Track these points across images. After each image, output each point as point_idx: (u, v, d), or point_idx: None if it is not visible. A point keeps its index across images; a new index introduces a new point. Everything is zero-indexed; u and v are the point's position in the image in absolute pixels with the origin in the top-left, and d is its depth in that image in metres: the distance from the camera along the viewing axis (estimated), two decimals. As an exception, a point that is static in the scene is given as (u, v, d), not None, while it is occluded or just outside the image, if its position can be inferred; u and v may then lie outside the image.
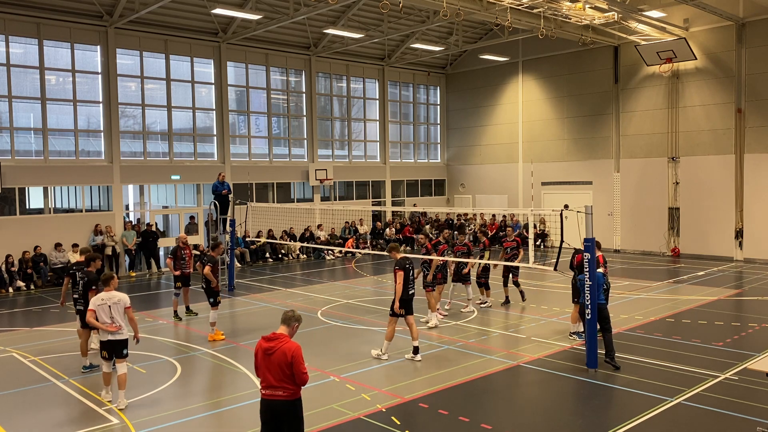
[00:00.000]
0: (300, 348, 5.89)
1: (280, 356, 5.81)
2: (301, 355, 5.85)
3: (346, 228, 27.09)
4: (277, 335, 5.95)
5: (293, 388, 5.87)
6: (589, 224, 10.19)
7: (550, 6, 19.34)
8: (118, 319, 8.86)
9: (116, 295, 8.93)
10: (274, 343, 5.88)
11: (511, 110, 29.29)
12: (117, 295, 8.92)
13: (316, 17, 23.88)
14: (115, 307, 8.84)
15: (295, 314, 6.11)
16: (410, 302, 10.78)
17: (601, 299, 10.21)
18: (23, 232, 19.33)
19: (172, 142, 22.91)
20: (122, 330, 8.88)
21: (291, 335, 6.02)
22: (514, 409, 8.75)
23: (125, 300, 8.91)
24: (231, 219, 18.54)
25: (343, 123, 28.97)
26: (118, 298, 8.89)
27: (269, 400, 5.88)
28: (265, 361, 5.88)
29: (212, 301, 12.54)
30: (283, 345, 5.84)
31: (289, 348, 5.83)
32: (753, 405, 8.40)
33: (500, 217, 28.74)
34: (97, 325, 8.87)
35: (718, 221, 23.09)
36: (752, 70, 22.23)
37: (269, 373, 5.85)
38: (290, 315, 6.09)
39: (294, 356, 5.79)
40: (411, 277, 10.78)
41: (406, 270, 10.64)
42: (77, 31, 20.48)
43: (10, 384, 9.90)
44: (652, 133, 24.72)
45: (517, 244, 14.91)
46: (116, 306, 8.84)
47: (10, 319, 15.14)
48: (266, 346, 5.89)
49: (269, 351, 5.86)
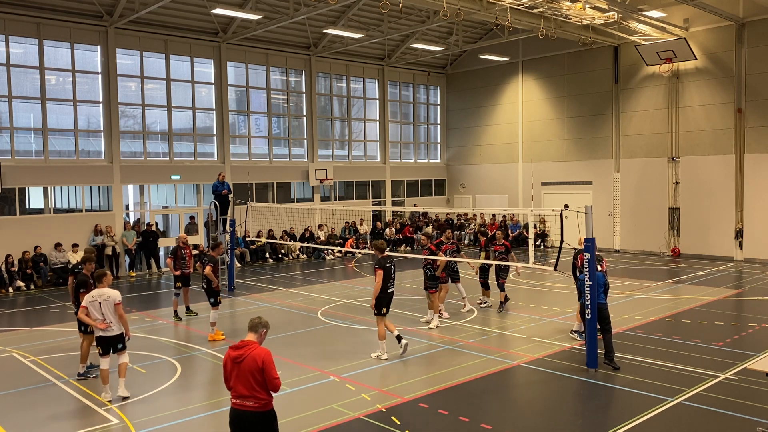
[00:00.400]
0: (270, 353, 5.68)
1: (250, 363, 5.60)
2: (272, 360, 5.65)
3: (346, 228, 27.09)
4: (245, 342, 5.74)
5: (265, 398, 5.65)
6: (589, 224, 10.19)
7: (550, 6, 19.34)
8: (108, 316, 8.96)
9: (107, 292, 9.03)
10: (243, 350, 5.67)
11: (511, 110, 29.29)
12: (107, 292, 9.02)
13: (316, 17, 23.88)
14: (105, 303, 8.95)
15: (261, 320, 5.91)
16: (390, 300, 10.94)
17: (601, 299, 10.21)
18: (23, 232, 19.33)
19: (172, 142, 22.91)
20: (112, 327, 9.00)
21: (260, 342, 5.81)
22: (514, 409, 8.75)
23: (114, 297, 9.00)
24: (231, 219, 18.54)
25: (343, 123, 28.97)
26: (107, 295, 8.99)
27: (239, 410, 5.68)
28: (234, 370, 5.67)
29: (212, 301, 12.55)
30: (253, 351, 5.64)
31: (259, 354, 5.63)
32: (753, 405, 8.40)
33: (500, 217, 28.75)
34: (88, 321, 9.05)
35: (718, 221, 23.09)
36: (752, 70, 22.23)
37: (239, 383, 5.64)
38: (257, 321, 5.88)
39: (265, 361, 5.59)
40: (391, 276, 10.91)
41: (386, 269, 10.76)
42: (77, 31, 20.48)
43: (10, 384, 9.90)
44: (652, 133, 24.72)
45: (506, 249, 14.54)
46: (106, 303, 8.95)
47: (10, 319, 15.14)
48: (235, 354, 5.69)
49: (238, 359, 5.65)
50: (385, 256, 10.92)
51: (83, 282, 9.96)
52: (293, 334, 12.77)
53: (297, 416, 8.26)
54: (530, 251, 12.60)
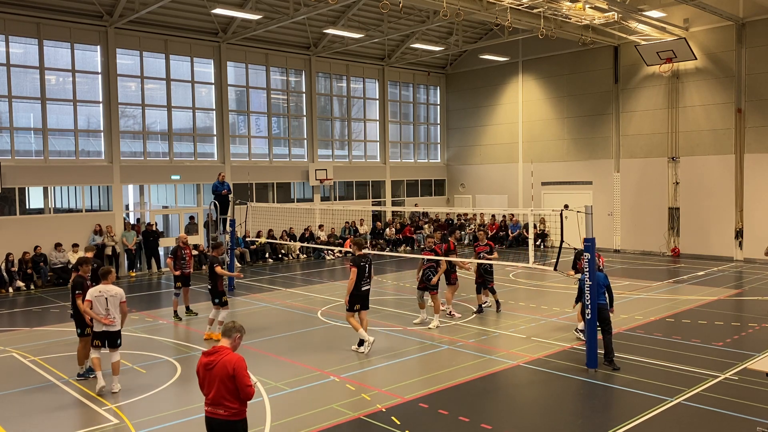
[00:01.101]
0: (243, 360, 5.48)
1: (221, 369, 5.41)
2: (244, 366, 5.44)
3: (346, 228, 27.09)
4: (218, 348, 5.54)
5: (237, 407, 5.47)
6: (589, 224, 10.19)
7: (550, 6, 19.34)
8: (113, 312, 9.21)
9: (113, 288, 9.28)
10: (215, 356, 5.48)
11: (511, 110, 29.29)
12: (114, 289, 9.28)
13: (316, 17, 23.88)
14: (111, 299, 9.21)
15: (236, 325, 5.71)
16: (365, 299, 11.20)
17: (602, 300, 10.20)
18: (23, 232, 19.34)
19: (172, 142, 22.91)
20: (116, 322, 9.26)
21: (233, 348, 5.61)
22: (514, 409, 8.75)
23: (121, 294, 9.30)
24: (231, 219, 18.54)
25: (343, 123, 28.97)
26: (115, 291, 9.27)
27: (210, 417, 5.56)
28: (206, 377, 5.50)
29: (217, 302, 12.53)
30: (224, 358, 5.45)
31: (230, 360, 5.43)
32: (753, 405, 8.40)
33: (500, 217, 28.77)
34: (91, 314, 9.21)
35: (718, 221, 23.09)
36: (752, 70, 22.23)
37: (211, 390, 5.47)
38: (231, 326, 5.69)
39: (236, 368, 5.38)
40: (366, 274, 11.12)
41: (360, 267, 10.99)
42: (77, 31, 20.48)
43: (10, 384, 9.90)
44: (652, 133, 24.72)
45: (490, 249, 14.27)
46: (113, 299, 9.22)
47: (10, 319, 15.14)
48: (206, 360, 5.51)
49: (209, 366, 5.47)
50: (362, 254, 11.16)
51: (79, 284, 9.95)
52: (293, 334, 12.77)
53: (297, 416, 8.27)
54: (530, 251, 12.59)
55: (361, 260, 11.03)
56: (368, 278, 11.20)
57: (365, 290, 11.17)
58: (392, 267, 22.51)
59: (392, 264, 23.23)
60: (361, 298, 11.14)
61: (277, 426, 7.99)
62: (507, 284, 18.14)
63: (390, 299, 16.52)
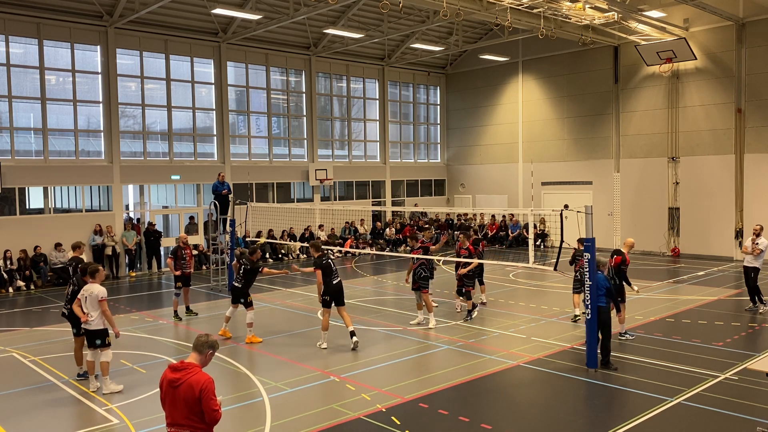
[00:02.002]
0: (212, 381, 5.03)
1: (187, 390, 4.95)
2: (212, 389, 4.97)
3: (346, 228, 27.09)
4: (186, 365, 5.06)
5: (203, 428, 5.03)
6: (589, 224, 10.19)
7: (550, 6, 19.34)
8: (89, 310, 9.29)
9: (93, 287, 9.34)
10: (181, 374, 5.01)
11: (511, 110, 29.30)
12: (93, 288, 9.33)
13: (316, 17, 23.88)
14: (89, 298, 9.29)
15: (209, 340, 5.21)
16: (337, 293, 11.52)
17: (602, 302, 10.08)
18: (23, 232, 19.33)
19: (172, 142, 22.91)
20: (92, 321, 9.29)
21: (203, 364, 5.15)
22: (514, 409, 8.75)
23: (98, 292, 9.28)
24: (231, 219, 18.54)
25: (343, 123, 28.97)
26: (92, 290, 9.31)
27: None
28: (170, 395, 5.03)
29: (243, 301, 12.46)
30: (191, 377, 4.97)
31: (197, 381, 4.96)
32: (753, 405, 8.40)
33: (500, 217, 28.77)
34: (78, 312, 9.40)
35: (718, 221, 23.09)
36: (752, 70, 22.23)
37: (175, 409, 5.01)
38: (203, 341, 5.19)
39: (203, 391, 4.92)
40: (332, 270, 11.48)
41: (323, 266, 11.39)
42: (77, 31, 20.48)
43: (10, 384, 9.90)
44: (652, 133, 24.72)
45: (469, 254, 13.57)
46: (90, 297, 9.29)
47: (10, 319, 15.15)
48: (172, 377, 5.03)
49: (175, 383, 5.00)
50: (321, 254, 11.50)
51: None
52: (293, 334, 12.78)
53: (297, 416, 8.27)
54: (530, 251, 12.59)
55: (321, 260, 11.44)
56: (335, 273, 11.55)
57: (336, 284, 11.50)
58: (392, 267, 22.51)
59: (392, 264, 23.23)
60: (335, 292, 11.48)
61: (277, 426, 7.99)
62: (507, 284, 18.14)
63: (390, 299, 16.53)
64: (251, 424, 8.05)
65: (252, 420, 8.22)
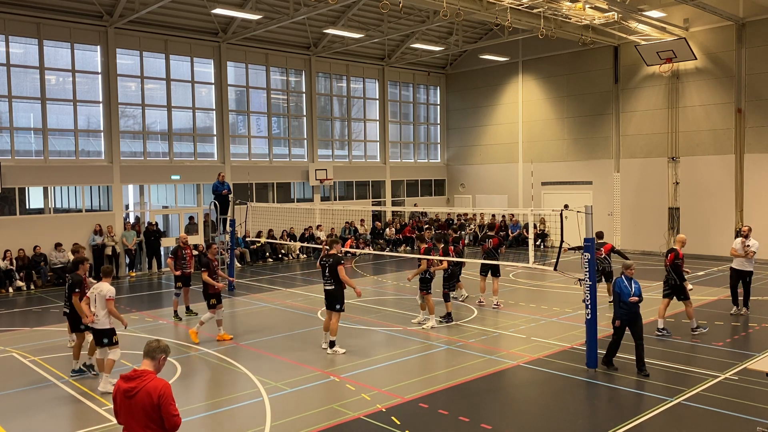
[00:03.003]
0: (169, 386, 4.87)
1: (144, 398, 4.76)
2: (170, 394, 4.82)
3: (346, 228, 27.09)
4: (140, 372, 4.87)
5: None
6: (589, 224, 10.19)
7: (550, 6, 19.34)
8: (96, 309, 9.39)
9: (102, 286, 9.46)
10: (136, 382, 4.83)
11: (511, 110, 29.29)
12: (102, 287, 9.45)
13: (316, 17, 23.88)
14: (98, 297, 9.42)
15: (160, 345, 5.00)
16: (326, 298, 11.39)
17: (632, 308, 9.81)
18: (23, 232, 19.33)
19: (172, 142, 22.91)
20: (97, 320, 9.38)
21: (157, 370, 4.98)
22: (514, 409, 8.75)
23: (107, 292, 9.39)
24: (231, 219, 18.54)
25: (343, 123, 28.97)
26: (100, 289, 9.44)
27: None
28: (125, 405, 4.82)
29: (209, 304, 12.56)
30: (147, 384, 4.80)
31: (154, 387, 4.79)
32: (753, 405, 8.40)
33: (500, 217, 28.77)
34: (84, 310, 9.53)
35: (718, 221, 23.09)
36: (752, 70, 22.23)
37: (132, 419, 4.80)
38: (154, 346, 4.99)
39: (162, 396, 4.76)
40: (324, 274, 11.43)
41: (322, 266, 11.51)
42: (77, 31, 20.48)
43: (10, 384, 9.89)
44: (652, 133, 24.72)
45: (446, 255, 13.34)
46: (98, 296, 9.41)
47: (10, 319, 15.14)
48: (126, 387, 4.83)
49: (130, 393, 4.80)
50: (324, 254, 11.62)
51: (78, 282, 10.09)
52: (293, 334, 12.77)
53: (297, 416, 8.27)
54: (530, 251, 12.59)
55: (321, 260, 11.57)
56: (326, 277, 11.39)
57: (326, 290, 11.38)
58: (392, 267, 22.51)
59: (392, 264, 23.24)
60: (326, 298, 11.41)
61: (277, 426, 7.99)
62: (507, 284, 18.14)
63: (390, 299, 16.53)
64: (251, 424, 8.05)
65: (252, 420, 8.22)
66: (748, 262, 13.35)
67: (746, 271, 13.44)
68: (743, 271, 13.45)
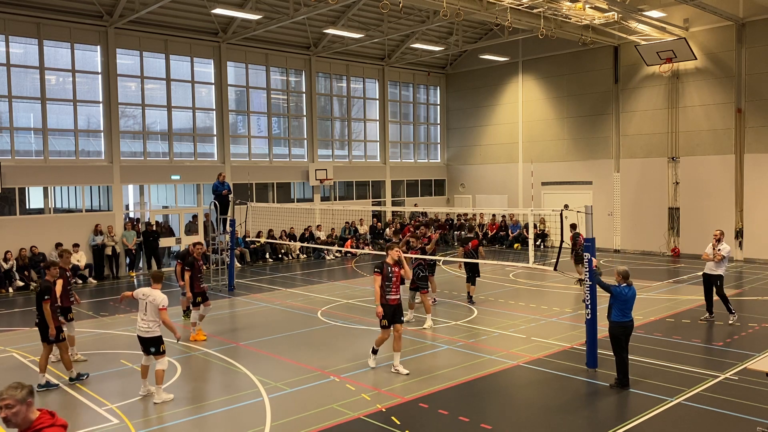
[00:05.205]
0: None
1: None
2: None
3: (346, 228, 27.09)
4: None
5: None
6: (589, 224, 10.19)
7: (550, 6, 19.34)
8: (149, 316, 9.12)
9: (155, 293, 9.20)
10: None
11: (511, 110, 29.30)
12: (154, 293, 9.20)
13: (316, 17, 23.88)
14: (150, 305, 9.14)
15: (23, 385, 4.28)
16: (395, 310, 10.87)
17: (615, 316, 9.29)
18: (23, 232, 19.33)
19: (172, 142, 22.90)
20: (152, 329, 9.14)
21: (33, 413, 4.27)
22: (514, 409, 8.75)
23: (159, 301, 9.13)
24: (231, 219, 18.55)
25: (343, 123, 28.97)
26: (153, 297, 9.17)
27: None
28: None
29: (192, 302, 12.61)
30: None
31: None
32: (753, 405, 8.40)
33: (500, 217, 28.77)
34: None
35: (718, 221, 23.02)
36: (752, 70, 22.23)
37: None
38: (21, 390, 4.25)
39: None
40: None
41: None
42: (77, 31, 20.47)
43: (10, 384, 9.87)
44: (652, 133, 24.72)
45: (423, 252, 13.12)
46: (150, 305, 9.14)
47: (10, 319, 15.14)
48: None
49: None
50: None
51: (47, 288, 9.66)
52: (293, 334, 12.77)
53: (297, 416, 8.27)
54: (530, 251, 12.59)
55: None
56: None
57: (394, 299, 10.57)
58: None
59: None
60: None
61: (277, 426, 7.99)
62: (507, 284, 18.15)
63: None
64: (251, 424, 8.05)
65: (252, 420, 8.22)
66: (716, 266, 12.94)
67: (715, 275, 12.93)
68: (713, 275, 12.96)
